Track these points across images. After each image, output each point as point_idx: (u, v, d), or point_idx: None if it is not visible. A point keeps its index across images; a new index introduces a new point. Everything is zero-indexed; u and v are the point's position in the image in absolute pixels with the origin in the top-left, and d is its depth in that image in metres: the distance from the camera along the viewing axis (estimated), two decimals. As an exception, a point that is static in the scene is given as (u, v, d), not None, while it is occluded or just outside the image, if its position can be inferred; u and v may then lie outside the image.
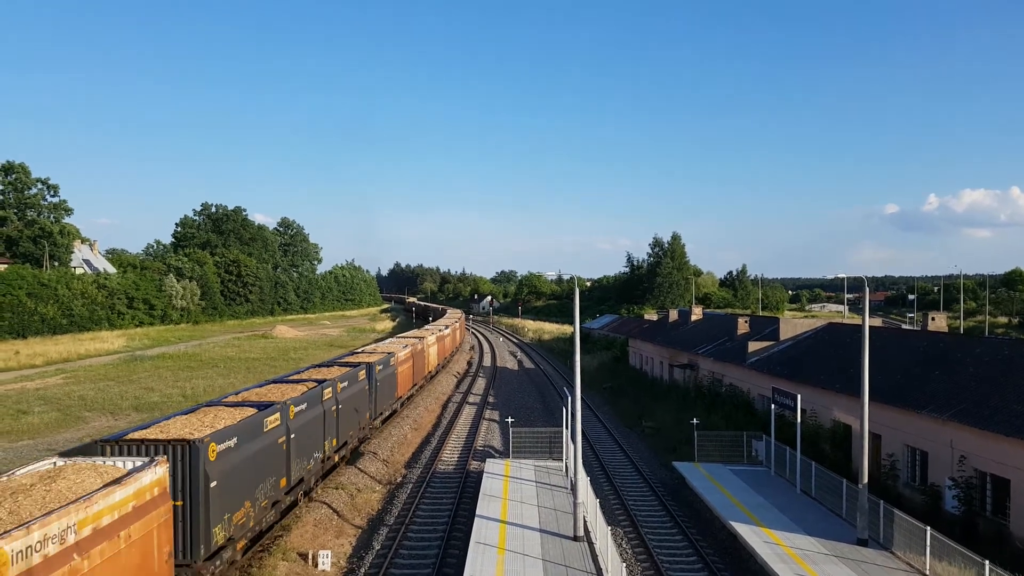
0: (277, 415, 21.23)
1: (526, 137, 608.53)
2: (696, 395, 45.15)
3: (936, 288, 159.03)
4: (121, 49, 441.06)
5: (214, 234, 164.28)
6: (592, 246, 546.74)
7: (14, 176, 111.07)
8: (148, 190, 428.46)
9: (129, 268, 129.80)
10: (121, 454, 16.21)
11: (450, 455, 35.37)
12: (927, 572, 18.50)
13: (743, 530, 22.16)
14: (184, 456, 16.17)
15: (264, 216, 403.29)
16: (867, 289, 22.78)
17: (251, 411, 20.44)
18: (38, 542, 10.35)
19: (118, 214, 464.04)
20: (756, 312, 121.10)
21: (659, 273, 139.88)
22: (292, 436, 22.31)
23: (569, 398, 26.57)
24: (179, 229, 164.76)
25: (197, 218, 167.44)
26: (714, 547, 23.09)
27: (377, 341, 66.72)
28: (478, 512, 23.39)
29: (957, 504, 22.48)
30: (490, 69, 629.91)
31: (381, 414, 37.14)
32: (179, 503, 15.87)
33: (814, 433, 30.47)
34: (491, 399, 52.83)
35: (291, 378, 29.30)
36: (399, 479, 30.88)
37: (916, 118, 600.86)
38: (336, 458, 28.91)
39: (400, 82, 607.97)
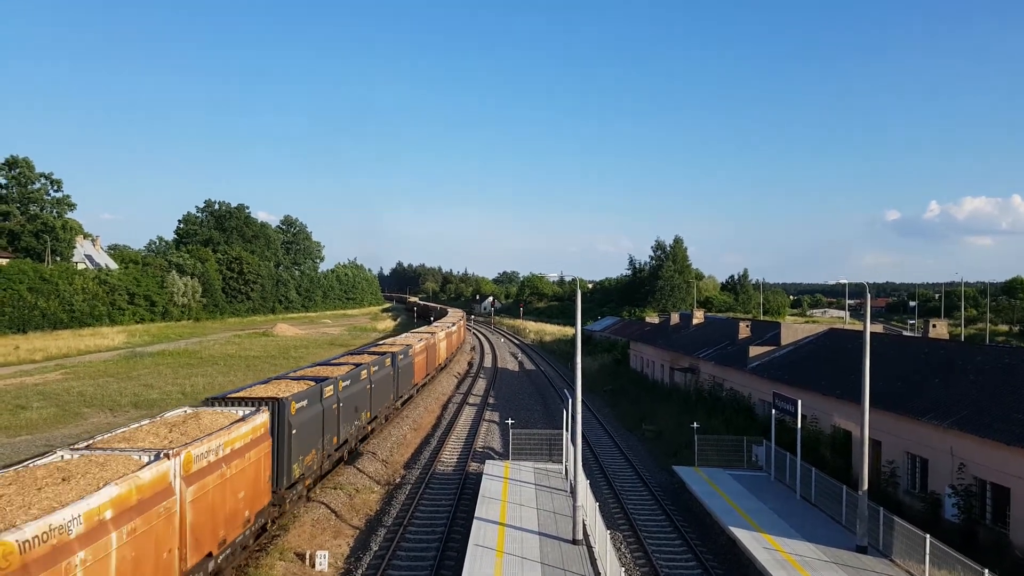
0: (332, 387, 26.94)
1: (530, 138, 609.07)
2: (697, 399, 45.09)
3: (937, 295, 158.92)
4: (126, 45, 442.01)
5: (217, 231, 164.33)
6: (594, 248, 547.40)
7: (18, 171, 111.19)
8: (151, 186, 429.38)
9: (131, 264, 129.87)
10: (228, 406, 21.31)
11: (449, 456, 35.33)
12: (926, 580, 18.43)
13: (742, 535, 22.10)
14: (275, 409, 21.42)
15: (267, 214, 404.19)
16: (868, 295, 22.72)
17: (311, 383, 25.81)
18: (206, 450, 16.33)
19: (121, 210, 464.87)
20: (757, 317, 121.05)
21: (661, 276, 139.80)
22: (341, 404, 27.95)
23: (569, 400, 26.52)
24: (182, 226, 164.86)
25: (200, 215, 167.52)
26: (713, 552, 23.03)
27: (382, 339, 66.76)
28: (477, 514, 23.34)
29: (957, 512, 22.42)
30: (496, 69, 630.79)
31: (401, 396, 42.50)
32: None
33: (814, 439, 30.40)
34: (491, 400, 52.77)
35: (333, 362, 35.75)
36: (398, 480, 30.84)
37: (918, 125, 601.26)
38: (369, 428, 34.34)
39: (404, 82, 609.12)
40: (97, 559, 11.77)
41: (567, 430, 29.20)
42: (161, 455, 14.80)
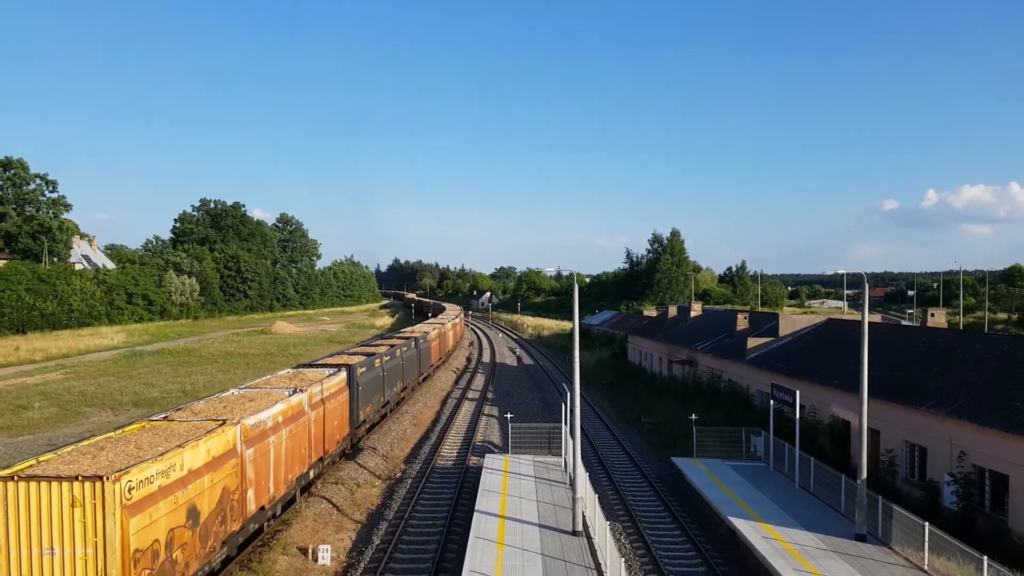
0: (379, 360, 36.50)
1: (526, 133, 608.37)
2: (695, 391, 45.18)
3: (935, 284, 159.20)
4: (120, 45, 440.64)
5: (213, 230, 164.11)
6: (591, 242, 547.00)
7: (13, 172, 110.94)
8: (147, 186, 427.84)
9: (128, 264, 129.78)
10: (316, 368, 31.40)
11: (449, 450, 35.41)
12: (925, 567, 18.54)
13: (741, 525, 22.20)
14: (349, 371, 30.81)
15: (263, 212, 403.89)
16: (866, 285, 22.77)
17: (364, 356, 35.67)
18: (317, 391, 25.90)
19: (117, 210, 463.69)
20: (755, 308, 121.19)
21: (658, 269, 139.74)
22: (385, 374, 37.46)
23: (568, 394, 26.58)
24: (178, 225, 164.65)
25: (196, 214, 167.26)
26: (712, 542, 23.14)
27: (383, 335, 66.71)
28: (477, 507, 23.43)
29: (956, 500, 22.53)
30: (490, 65, 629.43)
31: (423, 373, 52.67)
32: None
33: (813, 429, 30.50)
34: (490, 395, 52.86)
35: (374, 343, 46.73)
36: (399, 474, 30.92)
37: (914, 113, 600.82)
38: (402, 395, 44.00)
39: (399, 77, 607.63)
40: (276, 443, 21.48)
41: (566, 423, 29.28)
42: (297, 391, 24.68)
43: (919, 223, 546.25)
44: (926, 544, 18.42)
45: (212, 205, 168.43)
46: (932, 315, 38.18)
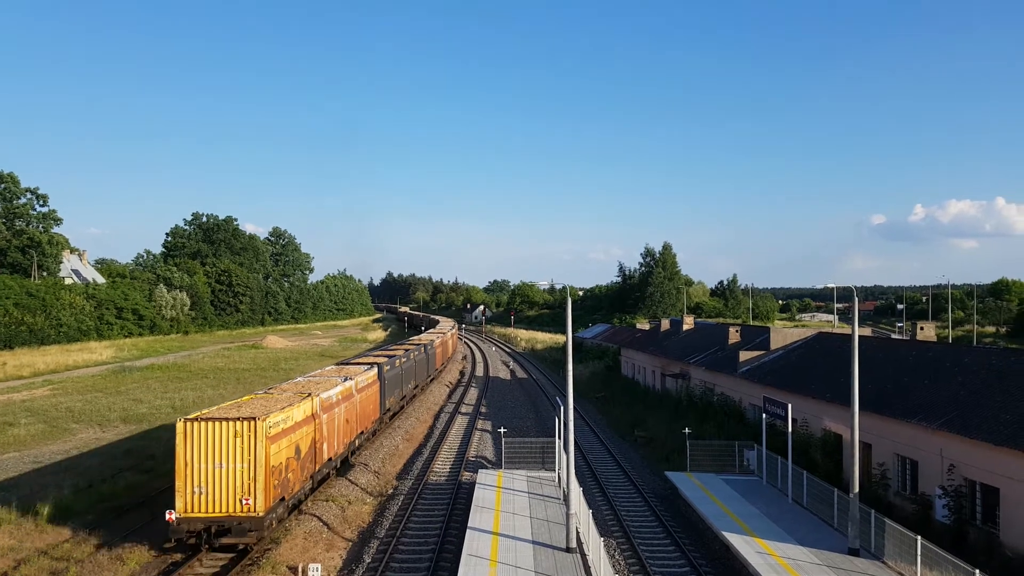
0: (398, 360, 44.99)
1: (520, 146, 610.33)
2: (688, 404, 45.17)
3: (924, 298, 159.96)
4: (111, 58, 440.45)
5: (205, 244, 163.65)
6: (585, 256, 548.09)
7: (3, 185, 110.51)
8: (138, 200, 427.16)
9: (118, 278, 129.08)
10: (354, 365, 40.19)
11: (442, 466, 35.24)
12: (918, 582, 18.51)
13: (735, 540, 22.14)
14: (379, 368, 38.93)
15: (255, 226, 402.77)
16: (856, 299, 22.89)
17: (387, 358, 43.94)
18: (361, 379, 34.69)
19: (108, 224, 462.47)
20: (747, 322, 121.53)
21: (651, 283, 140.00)
22: (403, 372, 45.86)
23: (561, 408, 26.53)
24: (169, 239, 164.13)
25: (188, 228, 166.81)
26: (707, 557, 23.06)
27: (375, 348, 66.52)
28: (470, 524, 23.29)
29: (947, 513, 22.54)
30: (483, 77, 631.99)
31: (429, 376, 61.17)
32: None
33: (805, 442, 30.52)
34: (483, 409, 52.70)
35: (391, 348, 57.16)
36: (390, 491, 30.73)
37: (902, 128, 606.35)
38: (414, 392, 51.71)
39: (392, 90, 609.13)
40: (337, 414, 29.10)
41: (559, 437, 29.19)
42: (348, 378, 32.92)
43: (907, 237, 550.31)
44: (918, 558, 18.42)
45: (204, 219, 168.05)
46: (921, 328, 38.40)
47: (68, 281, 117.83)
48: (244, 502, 21.41)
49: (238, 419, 21.49)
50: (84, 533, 23.39)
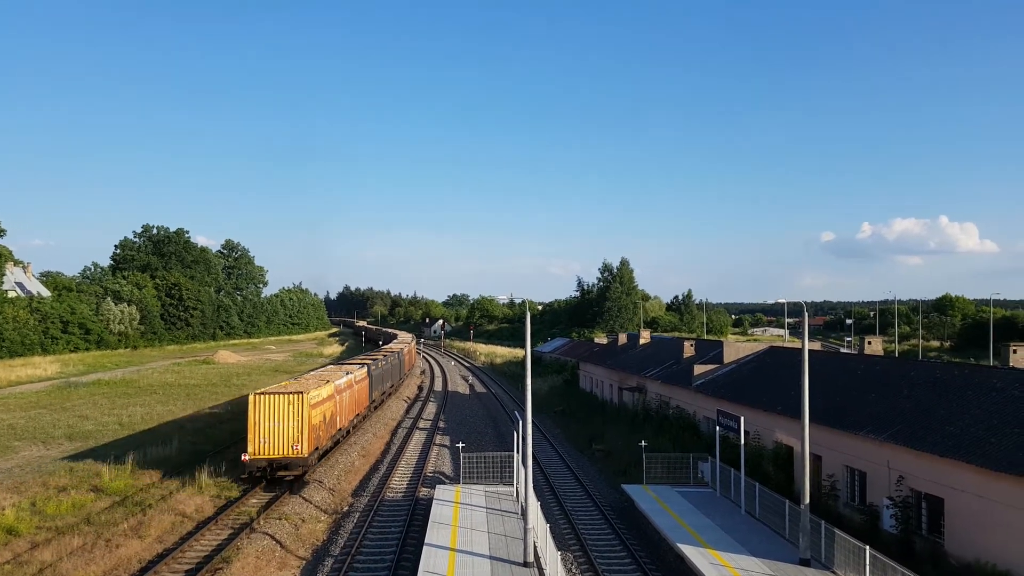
0: (380, 362, 56.70)
1: (477, 159, 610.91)
2: (645, 417, 45.59)
3: (872, 313, 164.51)
4: (56, 67, 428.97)
5: (155, 256, 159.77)
6: (544, 270, 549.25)
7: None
8: (86, 212, 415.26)
9: (64, 291, 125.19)
10: (349, 364, 52.78)
11: (399, 482, 34.89)
12: (867, 590, 18.92)
13: (690, 552, 22.37)
14: (368, 366, 50.14)
15: (207, 238, 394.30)
16: (806, 314, 23.47)
17: (371, 361, 55.09)
18: (357, 374, 45.51)
19: (54, 236, 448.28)
20: (701, 336, 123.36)
21: (609, 297, 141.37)
22: (384, 373, 57.65)
23: (520, 422, 26.54)
24: (118, 251, 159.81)
25: (137, 240, 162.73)
26: (662, 569, 23.24)
27: (334, 362, 65.76)
28: (427, 540, 23.10)
29: (895, 523, 23.12)
30: (440, 88, 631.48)
31: (401, 377, 72.97)
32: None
33: (757, 454, 31.04)
34: (442, 424, 52.39)
35: (372, 355, 68.89)
36: (346, 508, 30.30)
37: (849, 146, 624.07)
38: (389, 391, 62.85)
39: (349, 102, 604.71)
40: (345, 397, 40.47)
41: (518, 452, 29.18)
42: (348, 372, 43.28)
43: (855, 254, 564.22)
44: (867, 568, 18.84)
45: (155, 231, 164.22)
46: (869, 343, 39.47)
47: (11, 294, 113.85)
48: (295, 447, 31.34)
49: (291, 393, 31.94)
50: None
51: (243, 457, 30.99)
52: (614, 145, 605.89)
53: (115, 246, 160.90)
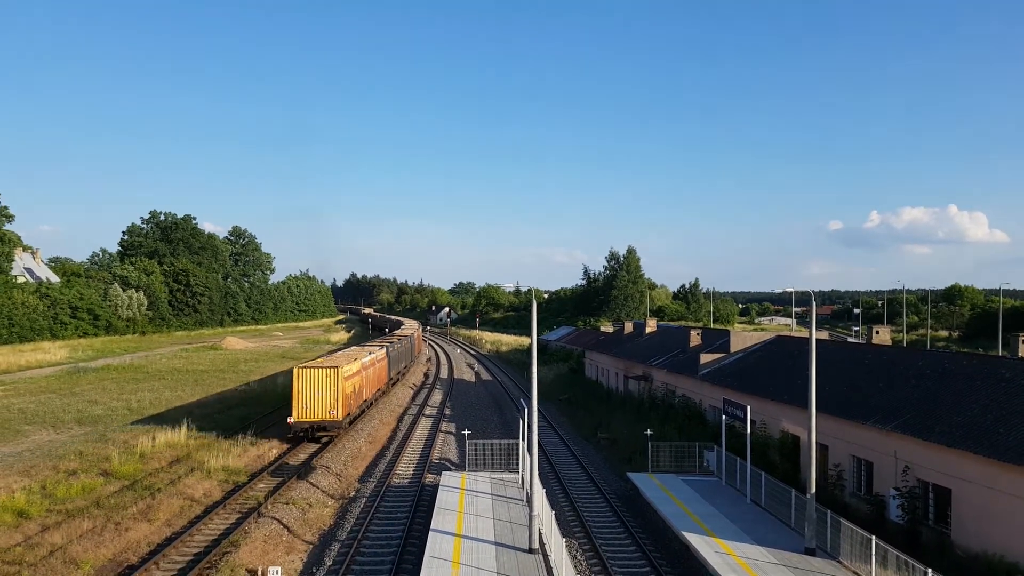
0: (395, 345, 64.49)
1: (484, 148, 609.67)
2: (650, 406, 45.61)
3: (880, 302, 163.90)
4: (66, 52, 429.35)
5: (162, 243, 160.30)
6: (550, 258, 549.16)
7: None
8: (94, 198, 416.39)
9: (73, 277, 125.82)
10: (371, 345, 62.08)
11: (405, 468, 35.04)
12: (872, 580, 18.93)
13: (695, 540, 22.42)
14: (387, 347, 59.25)
15: (215, 225, 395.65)
16: (814, 303, 23.37)
17: (388, 344, 63.05)
18: (378, 355, 53.13)
19: (62, 221, 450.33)
20: (708, 325, 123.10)
21: (615, 286, 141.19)
22: (398, 353, 64.96)
23: (525, 409, 26.58)
24: (126, 237, 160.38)
25: (145, 226, 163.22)
26: (667, 557, 23.30)
27: (336, 350, 66.00)
28: (433, 526, 23.21)
29: (901, 513, 23.10)
30: (445, 77, 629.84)
31: (413, 358, 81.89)
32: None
33: (764, 444, 31.04)
34: (448, 411, 52.54)
35: (388, 338, 77.47)
36: (352, 493, 30.46)
37: (858, 134, 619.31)
38: (403, 371, 69.95)
39: (356, 89, 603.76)
40: (369, 373, 47.56)
41: (523, 439, 29.25)
42: (371, 352, 51.11)
43: (864, 243, 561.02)
44: (873, 558, 18.84)
45: (162, 217, 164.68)
46: (877, 333, 39.30)
47: (21, 280, 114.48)
48: (331, 412, 37.30)
49: (328, 367, 37.90)
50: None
51: (288, 420, 37.06)
52: (622, 134, 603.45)
53: (123, 232, 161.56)
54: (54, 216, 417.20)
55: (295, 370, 37.73)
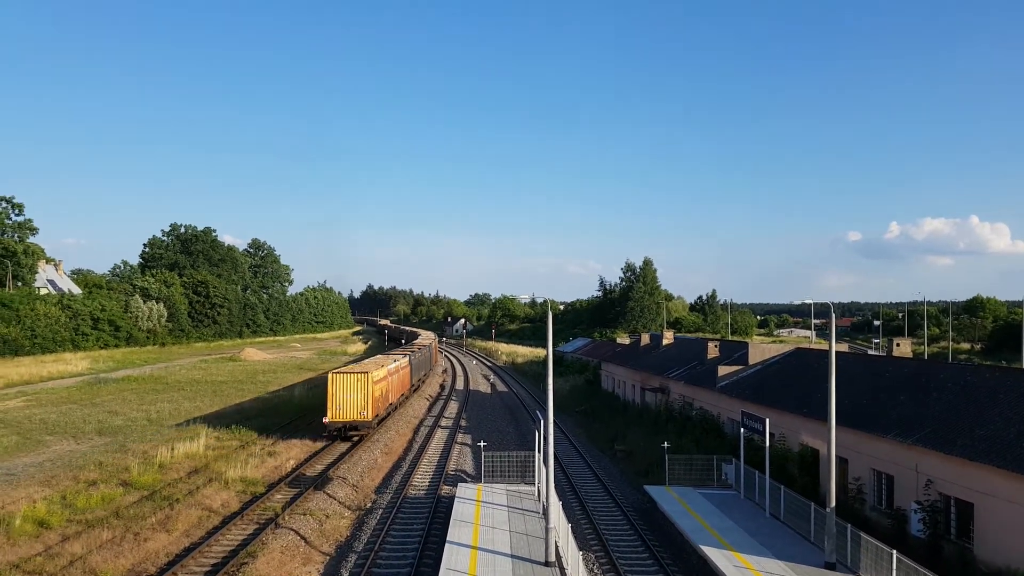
0: (416, 355, 67.05)
1: (500, 159, 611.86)
2: (667, 418, 45.33)
3: (900, 314, 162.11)
4: (88, 66, 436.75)
5: (183, 255, 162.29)
6: (565, 269, 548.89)
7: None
8: (116, 210, 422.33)
9: (95, 289, 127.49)
10: (394, 354, 63.85)
11: (421, 480, 35.05)
12: (894, 595, 18.67)
13: (713, 554, 22.23)
14: (410, 356, 62.56)
15: (234, 237, 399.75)
16: (833, 315, 23.19)
17: (409, 353, 64.95)
18: (401, 363, 56.31)
19: (85, 234, 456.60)
20: (725, 337, 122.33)
21: (631, 297, 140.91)
22: (419, 362, 68.45)
23: (541, 421, 26.54)
24: (147, 250, 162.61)
25: (165, 239, 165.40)
26: (685, 571, 23.11)
27: (354, 360, 66.28)
28: (449, 538, 23.19)
29: (922, 528, 22.79)
30: (462, 89, 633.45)
31: (431, 367, 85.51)
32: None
33: (782, 457, 30.74)
34: (463, 423, 52.52)
35: (407, 349, 75.98)
36: (369, 504, 30.50)
37: (878, 145, 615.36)
38: (423, 378, 73.66)
39: (372, 101, 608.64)
40: (394, 379, 51.01)
41: (539, 451, 29.18)
42: (396, 360, 54.28)
43: (883, 254, 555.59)
44: (894, 572, 18.59)
45: (182, 230, 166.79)
46: (898, 345, 38.87)
47: (43, 291, 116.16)
48: (362, 413, 40.58)
49: (359, 372, 41.33)
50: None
51: (324, 420, 40.56)
52: (639, 145, 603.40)
53: (144, 244, 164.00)
54: (77, 229, 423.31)
55: (330, 375, 41.09)
